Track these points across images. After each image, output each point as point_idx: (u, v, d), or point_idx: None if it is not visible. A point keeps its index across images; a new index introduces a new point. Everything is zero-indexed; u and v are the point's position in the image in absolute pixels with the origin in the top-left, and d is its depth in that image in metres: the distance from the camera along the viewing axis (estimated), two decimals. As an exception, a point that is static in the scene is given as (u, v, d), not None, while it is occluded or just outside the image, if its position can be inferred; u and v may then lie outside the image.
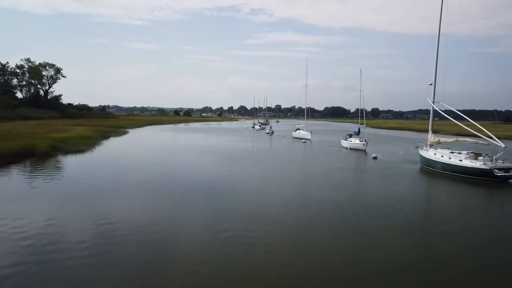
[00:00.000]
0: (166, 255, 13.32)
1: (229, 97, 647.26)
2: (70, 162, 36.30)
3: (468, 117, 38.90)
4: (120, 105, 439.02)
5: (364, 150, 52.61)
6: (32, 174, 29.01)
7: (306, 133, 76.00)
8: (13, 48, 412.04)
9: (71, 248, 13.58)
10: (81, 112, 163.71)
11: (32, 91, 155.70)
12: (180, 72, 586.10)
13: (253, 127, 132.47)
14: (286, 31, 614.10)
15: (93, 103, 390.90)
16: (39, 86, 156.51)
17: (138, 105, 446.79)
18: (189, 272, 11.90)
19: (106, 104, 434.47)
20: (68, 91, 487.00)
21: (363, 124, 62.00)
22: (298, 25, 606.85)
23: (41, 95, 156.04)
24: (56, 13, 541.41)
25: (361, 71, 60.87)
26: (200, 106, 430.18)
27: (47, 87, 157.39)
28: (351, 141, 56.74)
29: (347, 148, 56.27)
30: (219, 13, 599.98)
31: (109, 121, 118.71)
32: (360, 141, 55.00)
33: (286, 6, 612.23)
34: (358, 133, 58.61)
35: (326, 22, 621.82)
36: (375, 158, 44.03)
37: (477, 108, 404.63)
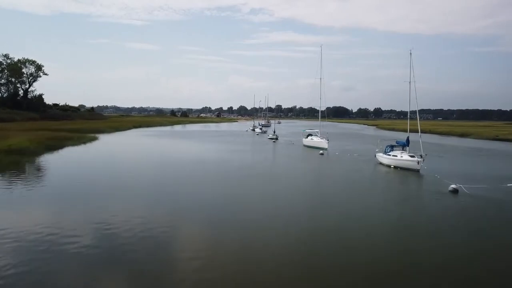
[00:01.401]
0: None
1: (229, 97, 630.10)
2: None
3: (471, 117, 22.43)
4: (118, 105, 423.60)
5: (418, 171, 34.40)
6: None
7: (322, 140, 57.66)
8: (13, 48, 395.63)
9: None
10: (66, 113, 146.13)
11: (12, 90, 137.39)
12: (180, 72, 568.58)
13: (253, 130, 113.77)
14: (286, 31, 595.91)
15: (91, 103, 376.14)
16: (18, 84, 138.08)
17: (137, 105, 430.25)
18: None
19: (104, 105, 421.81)
20: (66, 91, 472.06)
21: (407, 129, 43.40)
22: (298, 25, 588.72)
23: (20, 94, 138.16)
24: (55, 13, 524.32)
25: (410, 53, 41.53)
26: (200, 107, 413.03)
27: (27, 86, 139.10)
28: (396, 156, 38.08)
29: (389, 167, 37.85)
30: (219, 13, 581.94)
31: (87, 124, 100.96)
32: (411, 156, 36.49)
33: (286, 5, 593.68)
34: (406, 143, 39.72)
35: (325, 22, 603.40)
36: (454, 191, 25.62)
37: (480, 108, 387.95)
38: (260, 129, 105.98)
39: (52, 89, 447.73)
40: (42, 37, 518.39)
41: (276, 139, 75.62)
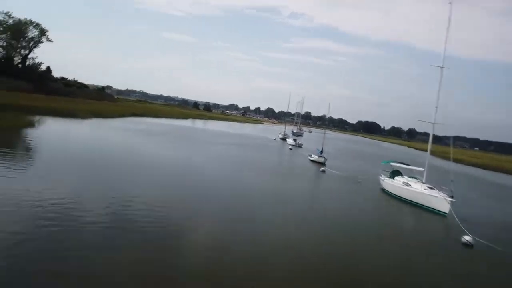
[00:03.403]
0: None
1: (257, 98, 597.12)
2: None
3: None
4: (146, 91, 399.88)
5: None
6: None
7: (437, 195, 26.44)
8: (55, 27, 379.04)
9: None
10: (70, 89, 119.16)
11: (12, 54, 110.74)
12: (211, 67, 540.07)
13: (284, 139, 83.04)
14: (323, 37, 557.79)
15: (121, 86, 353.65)
16: (21, 49, 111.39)
17: (165, 94, 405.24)
18: None
19: (133, 89, 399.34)
20: (99, 72, 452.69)
21: None
22: (335, 33, 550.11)
23: (17, 60, 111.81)
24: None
25: None
26: (227, 103, 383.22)
27: (27, 51, 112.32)
28: None
29: None
30: (258, 13, 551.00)
31: (70, 104, 72.80)
32: None
33: (326, 12, 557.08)
34: None
35: (364, 33, 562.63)
36: None
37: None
38: (294, 140, 73.85)
39: (83, 68, 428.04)
40: (82, 17, 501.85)
41: (324, 164, 44.89)
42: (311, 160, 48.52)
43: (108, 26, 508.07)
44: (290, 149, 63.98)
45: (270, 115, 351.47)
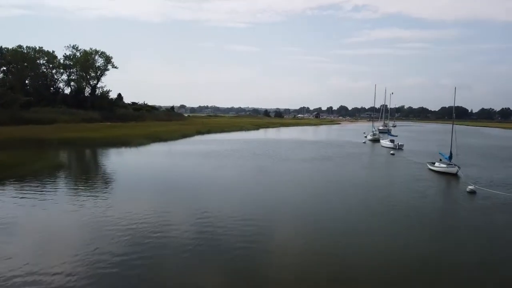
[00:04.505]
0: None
1: (329, 98, 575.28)
2: None
3: None
4: (218, 105, 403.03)
5: None
6: None
7: None
8: (129, 55, 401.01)
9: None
10: (138, 113, 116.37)
11: (84, 85, 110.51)
12: (280, 73, 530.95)
13: (376, 140, 66.86)
14: (390, 27, 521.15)
15: (193, 104, 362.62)
16: (89, 79, 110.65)
17: (236, 106, 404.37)
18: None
19: (205, 105, 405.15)
20: (171, 93, 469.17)
21: None
22: (404, 20, 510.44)
23: (86, 90, 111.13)
24: (167, 20, 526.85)
25: None
26: (297, 107, 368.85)
27: (95, 81, 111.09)
28: None
29: None
30: (320, 12, 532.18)
31: (132, 129, 67.34)
32: None
33: (391, 0, 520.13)
34: None
35: (436, 15, 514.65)
36: None
37: None
38: (391, 141, 56.89)
39: (156, 90, 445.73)
40: (155, 42, 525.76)
41: (457, 174, 30.02)
42: (433, 170, 33.40)
43: (177, 49, 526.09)
44: (392, 154, 48.12)
45: (343, 113, 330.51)
